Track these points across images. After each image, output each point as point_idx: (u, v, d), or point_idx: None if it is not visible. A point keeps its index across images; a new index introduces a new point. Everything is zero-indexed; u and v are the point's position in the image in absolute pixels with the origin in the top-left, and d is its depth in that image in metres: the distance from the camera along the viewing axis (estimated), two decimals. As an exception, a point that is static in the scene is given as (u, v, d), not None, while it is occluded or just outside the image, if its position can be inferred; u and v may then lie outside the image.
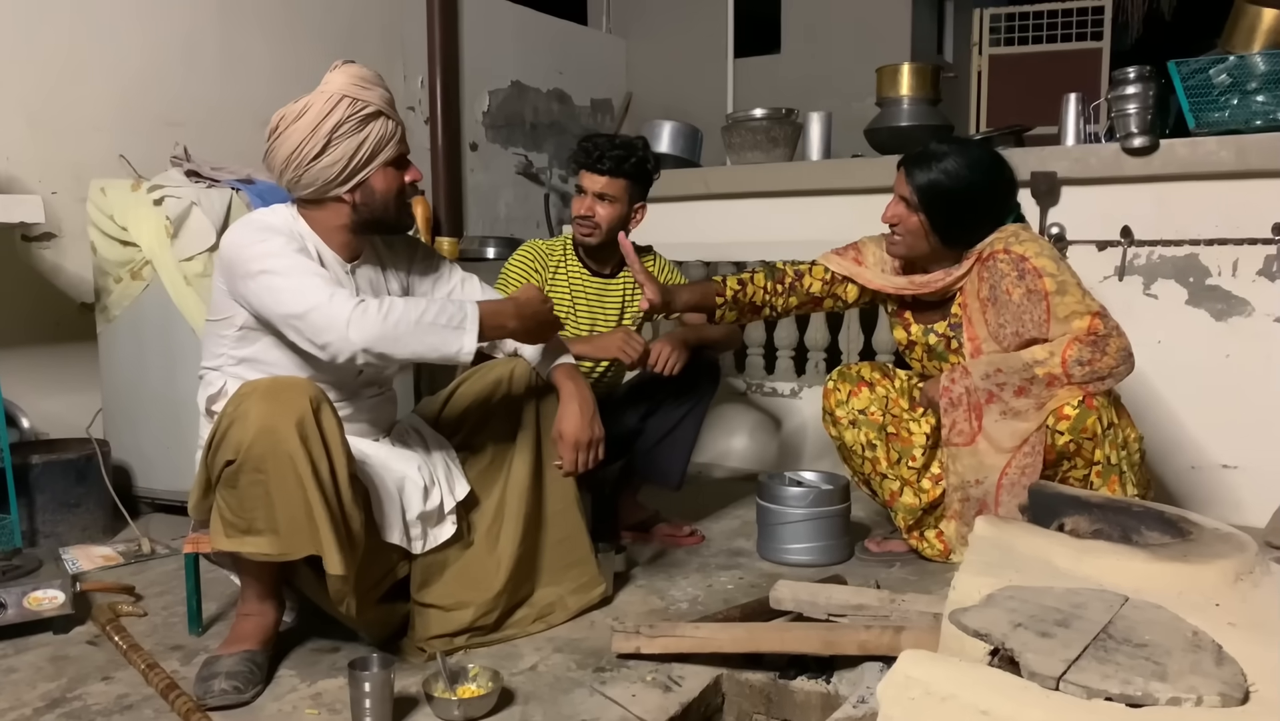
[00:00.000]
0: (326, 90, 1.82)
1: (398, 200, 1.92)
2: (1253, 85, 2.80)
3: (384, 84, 1.90)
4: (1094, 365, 2.10)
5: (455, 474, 2.08)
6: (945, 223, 2.24)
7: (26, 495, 2.63)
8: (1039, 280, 2.16)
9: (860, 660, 1.80)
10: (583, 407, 2.02)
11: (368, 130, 1.83)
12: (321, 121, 1.80)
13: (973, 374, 2.21)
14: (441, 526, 2.01)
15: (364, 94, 1.83)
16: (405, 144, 1.92)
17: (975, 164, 2.23)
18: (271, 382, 1.74)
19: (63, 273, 3.21)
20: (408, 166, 1.93)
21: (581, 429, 2.01)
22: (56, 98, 3.21)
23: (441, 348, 1.76)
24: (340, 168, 1.83)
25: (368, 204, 1.89)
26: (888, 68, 3.64)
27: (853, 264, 2.46)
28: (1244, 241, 2.85)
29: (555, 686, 1.81)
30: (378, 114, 1.84)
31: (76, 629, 2.08)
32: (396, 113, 1.90)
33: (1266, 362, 2.84)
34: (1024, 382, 2.14)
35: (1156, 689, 1.00)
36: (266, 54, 3.93)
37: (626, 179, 2.54)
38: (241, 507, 1.70)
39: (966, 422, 2.22)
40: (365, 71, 1.87)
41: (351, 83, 1.83)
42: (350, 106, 1.81)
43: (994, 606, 1.22)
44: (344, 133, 1.81)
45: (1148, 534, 1.56)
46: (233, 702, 1.71)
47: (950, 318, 2.35)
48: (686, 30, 6.24)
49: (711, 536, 2.80)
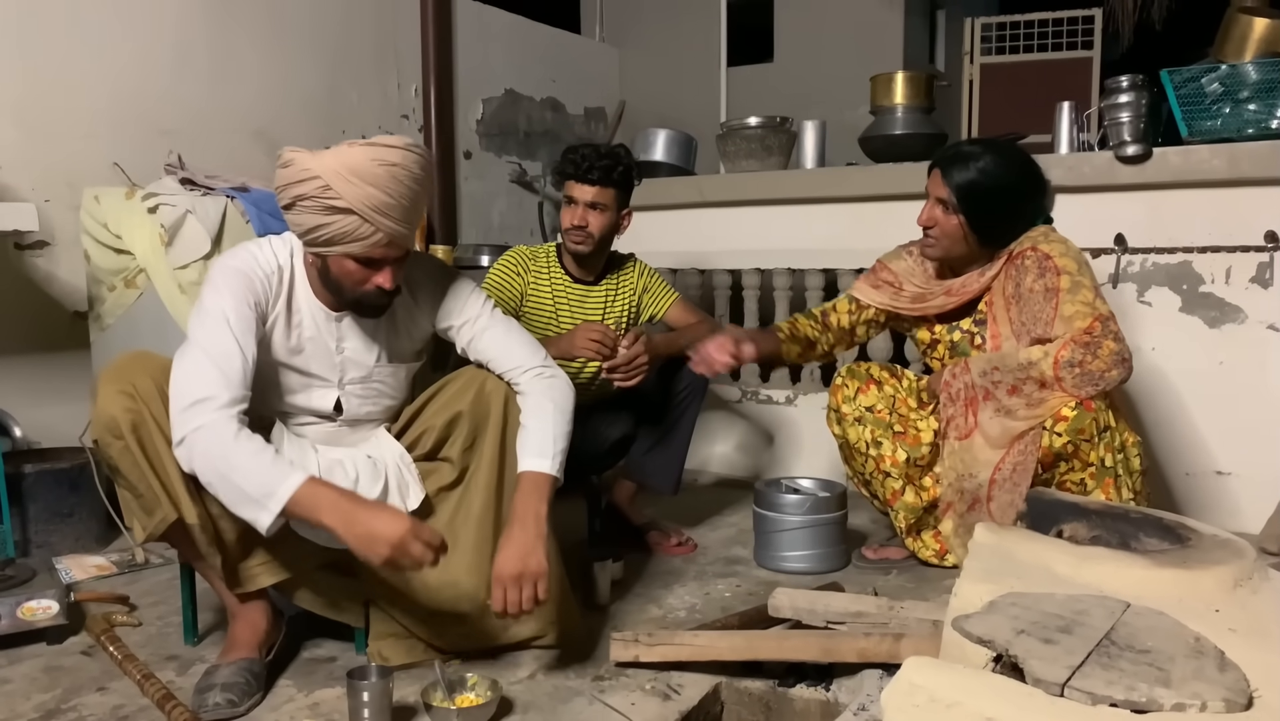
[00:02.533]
0: (314, 161, 1.68)
1: (355, 292, 1.79)
2: (1244, 94, 2.82)
3: (388, 184, 1.68)
4: (1084, 367, 2.10)
5: (409, 481, 1.95)
6: (984, 222, 2.26)
7: (19, 505, 2.61)
8: (1056, 278, 2.18)
9: (859, 668, 1.80)
10: (521, 540, 1.77)
11: (331, 220, 1.68)
12: (291, 185, 1.69)
13: (971, 370, 2.23)
14: None
15: (342, 186, 1.65)
16: (393, 249, 1.74)
17: (1010, 162, 2.26)
18: (117, 361, 1.76)
19: (56, 281, 3.20)
20: (380, 269, 1.75)
21: (516, 565, 1.75)
22: (49, 106, 3.20)
23: (242, 512, 1.64)
24: (302, 230, 1.74)
25: (324, 275, 1.81)
26: (881, 76, 3.65)
27: (892, 293, 2.48)
28: (1237, 249, 2.86)
29: (554, 695, 1.80)
30: (349, 211, 1.67)
31: (70, 639, 2.07)
32: (393, 216, 1.70)
33: (1260, 369, 2.86)
34: (1017, 382, 2.16)
35: (1161, 695, 1.00)
36: (260, 63, 3.93)
37: (615, 187, 2.56)
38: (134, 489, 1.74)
39: (963, 417, 2.24)
40: (366, 166, 1.66)
41: (337, 169, 1.66)
42: (320, 190, 1.66)
43: (996, 613, 1.22)
44: (306, 208, 1.69)
45: (1146, 540, 1.57)
46: (228, 716, 1.70)
47: (976, 315, 2.37)
48: (679, 39, 6.25)
49: (708, 544, 2.80)
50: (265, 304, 1.80)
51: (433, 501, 1.98)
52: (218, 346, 1.70)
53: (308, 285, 1.86)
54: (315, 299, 1.87)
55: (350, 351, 1.91)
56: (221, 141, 3.70)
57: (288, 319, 1.85)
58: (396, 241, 1.74)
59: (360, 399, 1.94)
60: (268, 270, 1.82)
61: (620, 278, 2.73)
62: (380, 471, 1.91)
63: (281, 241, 1.88)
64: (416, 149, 1.73)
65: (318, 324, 1.87)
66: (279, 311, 1.83)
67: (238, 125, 3.84)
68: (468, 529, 1.94)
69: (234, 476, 1.61)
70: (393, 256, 1.76)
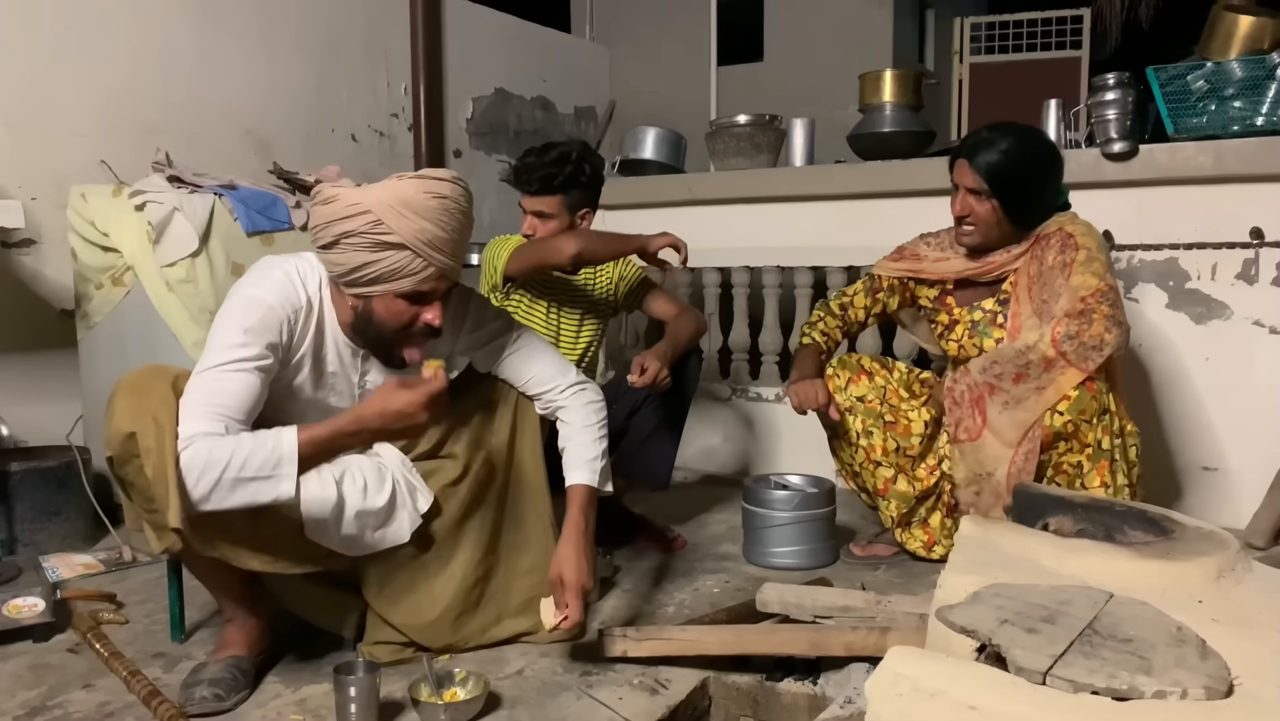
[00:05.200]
0: (362, 195, 1.65)
1: (398, 333, 1.75)
2: (1230, 91, 2.83)
3: (439, 217, 1.67)
4: (1081, 336, 2.12)
5: (416, 484, 1.93)
6: (1015, 202, 2.29)
7: (6, 503, 2.60)
8: (1075, 253, 2.24)
9: (847, 661, 1.80)
10: (585, 550, 1.85)
11: (382, 255, 1.65)
12: (336, 221, 1.65)
13: (971, 370, 2.24)
14: (386, 530, 1.87)
15: (394, 220, 1.63)
16: (442, 283, 1.72)
17: (1029, 141, 2.31)
18: (134, 374, 1.66)
19: (42, 279, 3.19)
20: (427, 304, 1.73)
21: (585, 574, 1.83)
22: (36, 103, 3.19)
23: (261, 499, 1.61)
24: (343, 271, 1.69)
25: (365, 319, 1.75)
26: (870, 74, 3.66)
27: (912, 262, 2.52)
28: (1222, 245, 2.88)
29: (542, 690, 1.80)
30: (401, 246, 1.65)
31: (57, 637, 2.06)
32: (443, 250, 1.68)
33: (1246, 365, 2.87)
34: (1020, 369, 2.16)
35: (1142, 682, 1.01)
36: (248, 62, 3.92)
37: (560, 193, 2.51)
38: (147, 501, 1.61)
39: (971, 418, 2.23)
40: (418, 198, 1.65)
41: (390, 202, 1.64)
42: (371, 226, 1.63)
43: (980, 603, 1.23)
44: (353, 245, 1.65)
45: (1131, 533, 1.57)
46: (214, 710, 1.70)
47: (999, 294, 2.39)
48: (669, 38, 6.27)
49: (697, 541, 2.80)
50: (290, 344, 1.75)
51: (439, 499, 1.96)
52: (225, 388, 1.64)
53: (335, 319, 1.81)
54: (341, 333, 1.82)
55: (372, 384, 1.88)
56: (210, 140, 3.69)
57: (314, 356, 1.80)
58: (447, 275, 1.72)
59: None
60: (296, 306, 1.75)
61: (598, 269, 2.73)
62: (386, 475, 1.88)
63: (310, 268, 1.80)
64: (462, 182, 1.74)
65: (342, 359, 1.84)
66: (305, 351, 1.78)
67: (226, 124, 3.83)
68: (474, 525, 1.97)
69: (237, 473, 1.57)
70: (441, 290, 1.74)
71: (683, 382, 2.62)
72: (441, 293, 1.74)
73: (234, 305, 1.71)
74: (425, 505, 1.92)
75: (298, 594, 1.92)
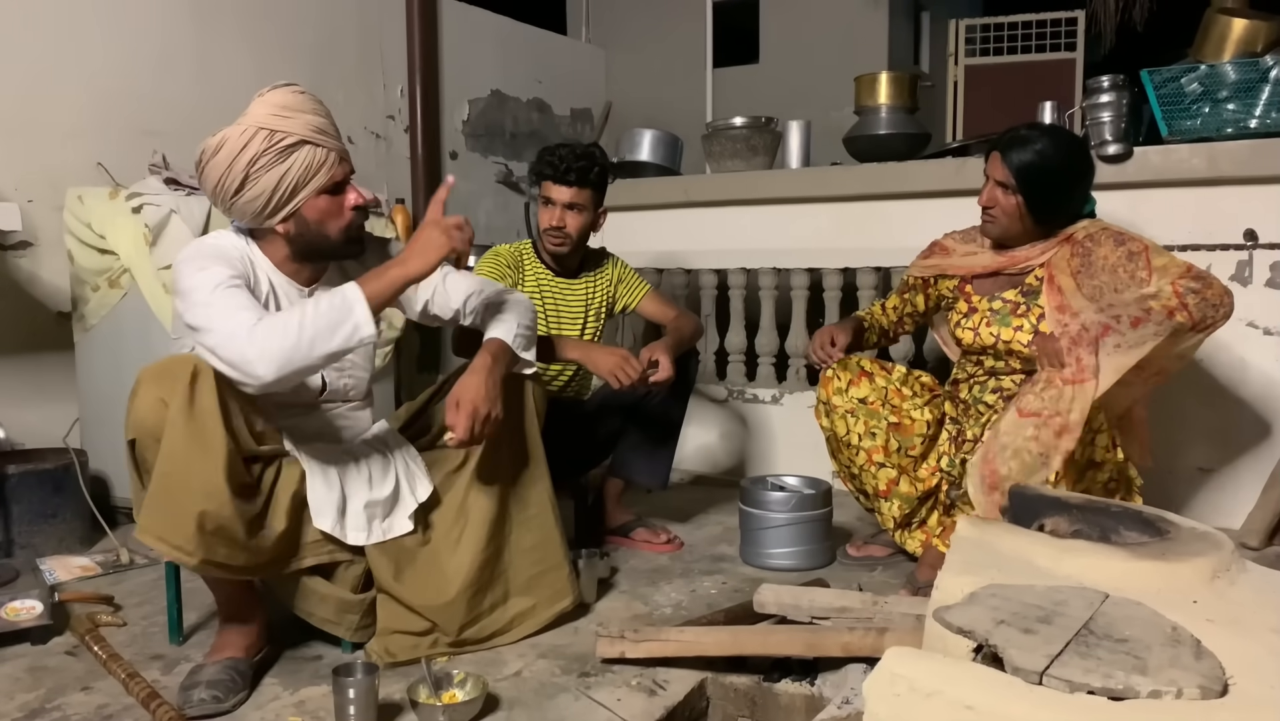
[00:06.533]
0: (243, 122, 1.75)
1: (339, 227, 1.85)
2: (1224, 93, 2.85)
3: (315, 108, 1.80)
4: (1204, 294, 2.16)
5: (417, 473, 2.03)
6: (1040, 202, 2.33)
7: (2, 505, 2.60)
8: (1138, 243, 2.29)
9: (844, 662, 1.81)
10: (488, 379, 1.88)
11: (290, 161, 1.75)
12: (237, 156, 1.73)
13: (1082, 315, 2.19)
14: (393, 519, 1.96)
15: (284, 124, 1.74)
16: (345, 165, 1.84)
17: (1065, 146, 2.34)
18: (159, 363, 1.72)
19: (39, 282, 3.19)
20: (345, 191, 1.85)
21: (480, 397, 1.85)
22: (32, 106, 3.19)
23: (336, 338, 1.68)
24: (263, 201, 1.77)
25: (303, 234, 1.83)
26: (866, 76, 3.67)
27: (940, 257, 2.57)
28: (1216, 247, 2.89)
29: (540, 692, 1.81)
30: (300, 143, 1.75)
31: (55, 639, 2.06)
32: (331, 134, 1.81)
33: (1240, 366, 2.88)
34: (1142, 312, 2.15)
35: (1138, 682, 1.02)
36: (244, 64, 3.92)
37: (591, 188, 2.59)
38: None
39: (1091, 356, 2.12)
40: (292, 98, 1.78)
41: (270, 113, 1.74)
42: (267, 139, 1.73)
43: (977, 604, 1.23)
44: (262, 166, 1.74)
45: (1126, 533, 1.58)
46: (212, 712, 1.70)
47: (1023, 286, 2.40)
48: (665, 41, 6.27)
49: (693, 542, 2.81)
50: (246, 280, 1.80)
51: (440, 488, 2.04)
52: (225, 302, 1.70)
53: (270, 264, 1.88)
54: (281, 274, 1.89)
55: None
56: (206, 142, 3.69)
57: (263, 299, 1.84)
58: (344, 158, 1.84)
59: (337, 371, 2.00)
60: (239, 250, 1.84)
61: (598, 271, 2.77)
62: (390, 466, 1.99)
63: (227, 235, 1.88)
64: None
65: (289, 300, 1.89)
66: (256, 291, 1.83)
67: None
68: (481, 504, 2.02)
69: (311, 330, 1.66)
70: (348, 172, 1.85)
71: (681, 384, 2.63)
72: (349, 174, 1.85)
73: (188, 263, 1.76)
74: (424, 495, 2.00)
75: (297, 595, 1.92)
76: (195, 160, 1.80)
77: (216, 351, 1.67)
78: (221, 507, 1.67)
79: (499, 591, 2.05)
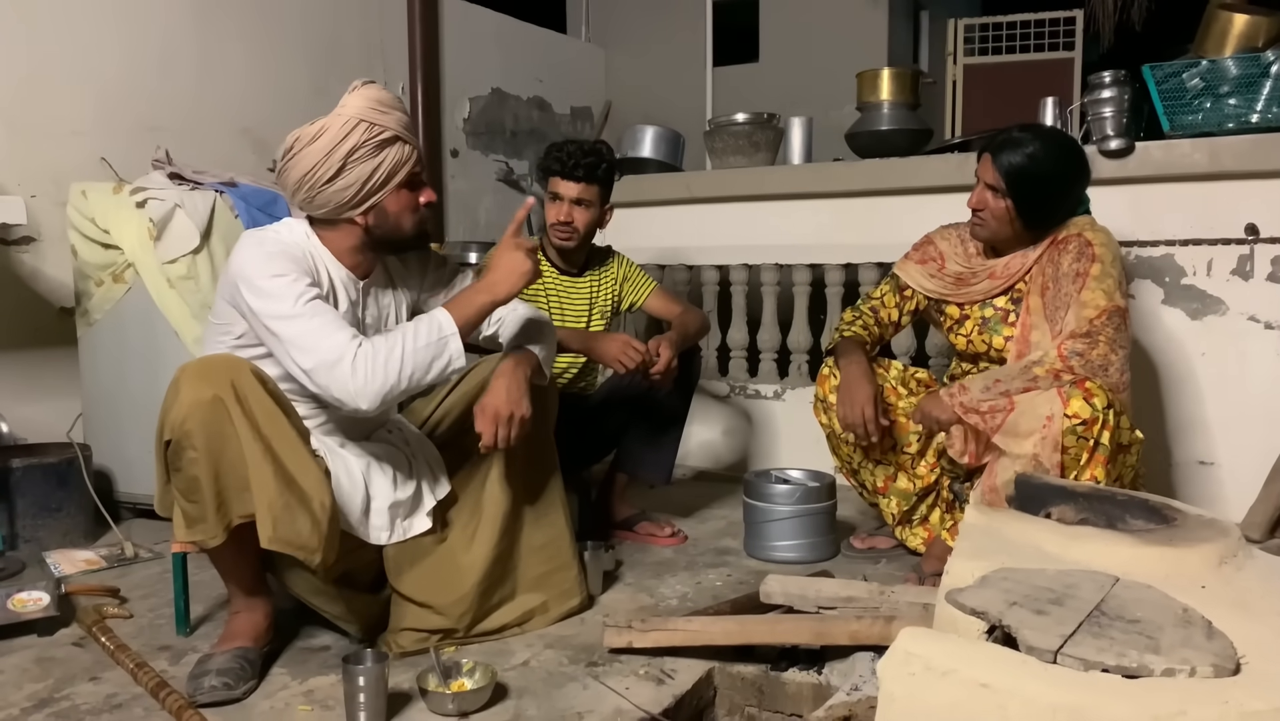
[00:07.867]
0: (344, 114, 1.80)
1: (413, 221, 1.91)
2: (1225, 88, 2.86)
3: (402, 106, 1.89)
4: (1087, 355, 2.10)
5: (438, 471, 2.08)
6: (1030, 206, 2.29)
7: (7, 500, 2.60)
8: (1090, 264, 2.22)
9: (851, 650, 1.82)
10: (511, 385, 1.93)
11: (383, 155, 1.81)
12: (337, 145, 1.78)
13: (970, 389, 2.19)
14: (414, 519, 1.99)
15: (381, 118, 1.80)
16: (421, 164, 1.90)
17: (1057, 149, 2.30)
18: (201, 361, 1.74)
19: (42, 277, 3.19)
20: (422, 187, 1.91)
21: (504, 402, 1.90)
22: (35, 101, 3.19)
23: (433, 371, 1.77)
24: (354, 191, 1.81)
25: (380, 225, 1.88)
26: (868, 72, 3.67)
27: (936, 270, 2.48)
28: (1218, 241, 2.90)
29: (548, 681, 1.81)
30: (394, 139, 1.82)
31: (61, 631, 2.06)
32: (414, 134, 1.89)
33: (1241, 360, 2.89)
34: (1028, 383, 2.13)
35: (1151, 661, 1.02)
36: (245, 61, 3.92)
37: (599, 184, 2.61)
38: (190, 491, 1.69)
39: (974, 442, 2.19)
40: (384, 94, 1.85)
41: (369, 106, 1.80)
42: (367, 131, 1.78)
43: (989, 587, 1.24)
44: (359, 157, 1.79)
45: (1133, 521, 1.59)
46: (223, 699, 1.70)
47: (1013, 293, 2.39)
48: (665, 39, 6.28)
49: (698, 536, 2.81)
50: (314, 278, 1.82)
51: (456, 485, 2.09)
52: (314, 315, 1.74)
53: (329, 255, 1.90)
54: (343, 267, 1.91)
55: (369, 318, 1.98)
56: (208, 139, 3.70)
57: (324, 293, 1.86)
58: (421, 157, 1.91)
59: None
60: (301, 246, 1.86)
61: (603, 269, 2.77)
62: (412, 466, 2.03)
63: (286, 227, 1.91)
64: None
65: (348, 292, 1.92)
66: (322, 285, 1.86)
67: (224, 122, 3.84)
68: (493, 503, 2.04)
69: (411, 365, 1.73)
70: (422, 169, 1.92)
71: (685, 379, 2.63)
72: (423, 172, 1.92)
73: (255, 264, 1.77)
74: (442, 493, 2.05)
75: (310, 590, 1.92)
76: (284, 148, 1.82)
77: (312, 375, 1.72)
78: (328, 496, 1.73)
79: (508, 587, 2.07)
